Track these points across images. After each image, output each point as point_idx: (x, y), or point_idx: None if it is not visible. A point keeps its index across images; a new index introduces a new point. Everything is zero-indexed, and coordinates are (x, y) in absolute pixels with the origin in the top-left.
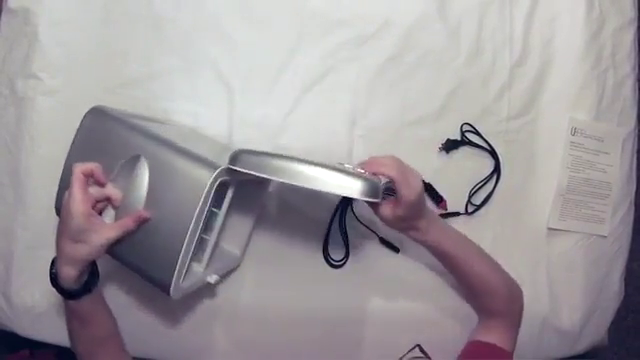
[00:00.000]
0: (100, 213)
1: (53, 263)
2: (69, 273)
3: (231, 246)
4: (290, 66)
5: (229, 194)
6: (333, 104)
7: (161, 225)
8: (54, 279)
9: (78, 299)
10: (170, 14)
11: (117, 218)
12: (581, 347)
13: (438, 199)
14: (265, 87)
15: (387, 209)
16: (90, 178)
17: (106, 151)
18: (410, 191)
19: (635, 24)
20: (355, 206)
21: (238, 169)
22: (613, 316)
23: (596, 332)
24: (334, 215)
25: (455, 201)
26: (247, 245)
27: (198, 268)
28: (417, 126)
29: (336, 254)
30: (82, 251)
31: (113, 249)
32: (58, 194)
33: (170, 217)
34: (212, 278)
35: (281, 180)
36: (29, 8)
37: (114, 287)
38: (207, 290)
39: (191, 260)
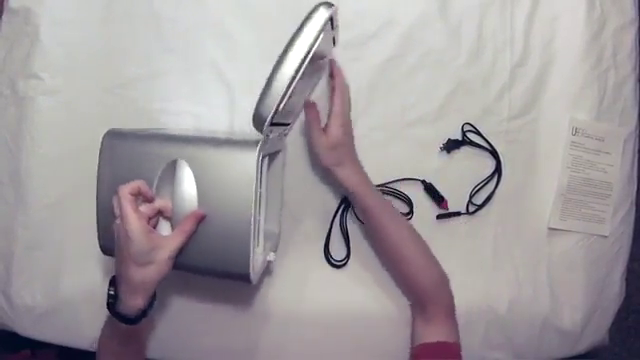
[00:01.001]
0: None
1: (111, 284)
2: (137, 302)
3: (269, 224)
4: None
5: (264, 170)
6: None
7: (220, 218)
8: (112, 304)
9: (136, 324)
10: (170, 14)
11: (174, 227)
12: (582, 347)
13: (439, 199)
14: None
15: (317, 138)
16: (138, 197)
17: (137, 168)
18: (339, 123)
19: (636, 24)
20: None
21: (271, 114)
22: (614, 316)
23: (597, 332)
24: (335, 215)
25: (456, 201)
26: (280, 222)
27: (258, 250)
28: (418, 126)
29: (337, 254)
30: (151, 273)
31: (178, 261)
32: (100, 231)
33: (228, 208)
34: (271, 256)
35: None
36: (30, 8)
37: None
38: (207, 291)
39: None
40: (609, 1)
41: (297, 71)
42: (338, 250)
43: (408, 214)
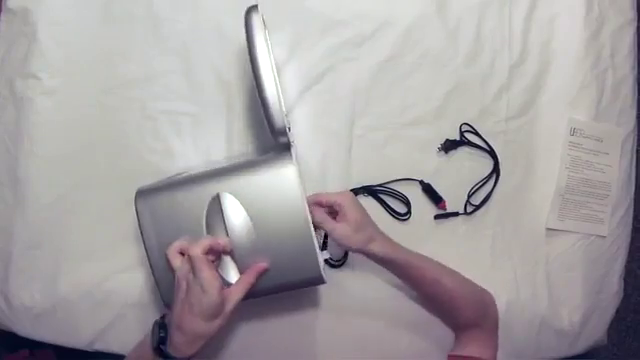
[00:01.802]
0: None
1: (161, 327)
2: (191, 351)
3: None
4: (289, 66)
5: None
6: (332, 104)
7: (281, 235)
8: (161, 345)
9: None
10: (169, 15)
11: (237, 260)
12: (580, 347)
13: (437, 199)
14: None
15: (340, 227)
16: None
17: (181, 217)
18: (355, 213)
19: (634, 24)
20: None
21: None
22: (612, 316)
23: (595, 332)
24: None
25: (454, 201)
26: None
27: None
28: (416, 126)
29: (335, 254)
30: (215, 326)
31: (255, 289)
32: (162, 290)
33: (285, 223)
34: (326, 254)
35: None
36: (28, 8)
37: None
38: None
39: None
40: (607, 1)
41: (275, 77)
42: (336, 250)
43: (406, 214)
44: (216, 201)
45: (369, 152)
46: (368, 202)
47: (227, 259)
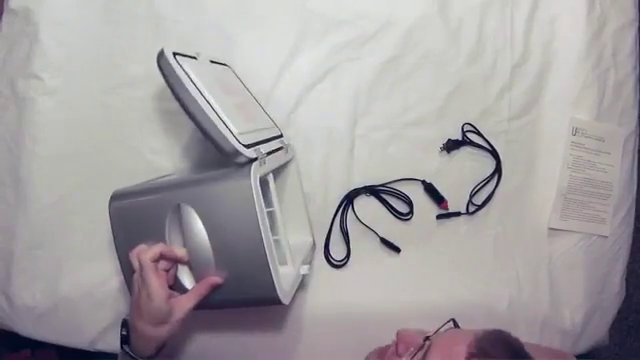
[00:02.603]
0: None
1: (123, 325)
2: (147, 351)
3: (299, 234)
4: (291, 66)
5: (272, 188)
6: (334, 104)
7: (235, 249)
8: (123, 344)
9: None
10: (170, 14)
11: (194, 270)
12: (582, 347)
13: (439, 199)
14: (266, 87)
15: None
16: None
17: (146, 222)
18: None
19: (636, 24)
20: (356, 206)
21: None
22: (614, 316)
23: (597, 332)
24: (335, 215)
25: (456, 201)
26: (311, 224)
27: (287, 270)
28: (418, 126)
29: (337, 254)
30: (163, 332)
31: (208, 301)
32: (131, 290)
33: (238, 238)
34: (303, 269)
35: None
36: (30, 8)
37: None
38: None
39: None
40: (609, 1)
41: (207, 102)
42: (338, 250)
43: (408, 214)
44: (176, 211)
45: (371, 152)
46: (370, 202)
47: (184, 269)
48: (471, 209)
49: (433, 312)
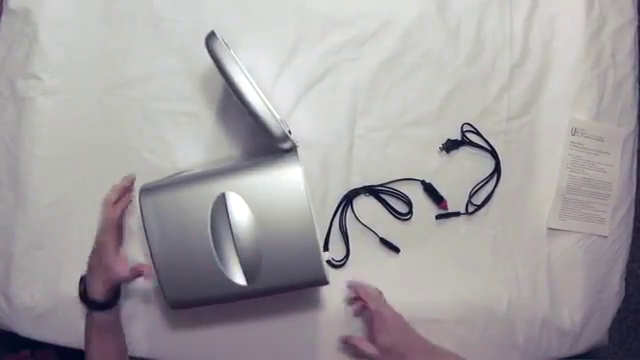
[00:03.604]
0: None
1: (81, 280)
2: (97, 291)
3: None
4: (290, 66)
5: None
6: (333, 104)
7: (284, 235)
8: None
9: (105, 311)
10: (169, 14)
11: (241, 258)
12: (582, 347)
13: (439, 199)
14: (265, 87)
15: (368, 346)
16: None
17: (185, 214)
18: (385, 338)
19: (635, 24)
20: (355, 206)
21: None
22: (613, 316)
23: (596, 332)
24: (334, 215)
25: (455, 201)
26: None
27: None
28: (417, 126)
29: (336, 254)
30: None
31: (254, 289)
32: (164, 286)
33: (288, 223)
34: (326, 256)
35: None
36: (29, 8)
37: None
38: None
39: None
40: (608, 1)
41: (257, 91)
42: (337, 250)
43: (407, 214)
44: (221, 200)
45: (370, 152)
46: (369, 202)
47: (233, 257)
48: (470, 209)
49: (433, 312)
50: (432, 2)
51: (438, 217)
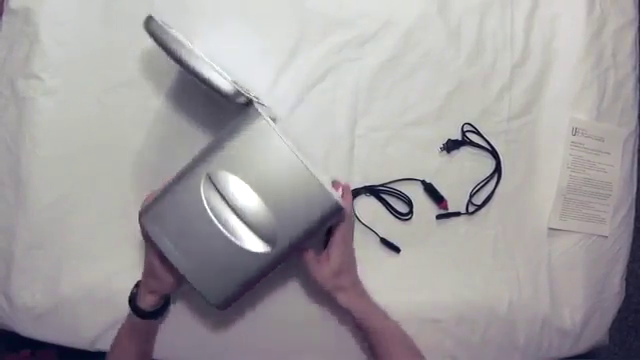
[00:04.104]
0: None
1: (136, 285)
2: (146, 302)
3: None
4: (291, 66)
5: (276, 129)
6: (334, 104)
7: (281, 183)
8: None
9: (146, 319)
10: (170, 14)
11: (251, 225)
12: (582, 347)
13: (439, 199)
14: (266, 87)
15: (319, 264)
16: None
17: (186, 215)
18: (342, 247)
19: (636, 24)
20: (356, 206)
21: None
22: (614, 316)
23: (597, 332)
24: None
25: (456, 201)
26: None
27: (325, 179)
28: (418, 126)
29: None
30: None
31: (282, 252)
32: (203, 291)
33: (279, 171)
34: (328, 179)
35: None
36: (30, 8)
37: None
38: None
39: None
40: (609, 1)
41: (200, 56)
42: None
43: (408, 214)
44: (208, 183)
45: (371, 152)
46: (370, 202)
47: (245, 231)
48: (471, 209)
49: (433, 312)
50: (433, 2)
51: (438, 217)
